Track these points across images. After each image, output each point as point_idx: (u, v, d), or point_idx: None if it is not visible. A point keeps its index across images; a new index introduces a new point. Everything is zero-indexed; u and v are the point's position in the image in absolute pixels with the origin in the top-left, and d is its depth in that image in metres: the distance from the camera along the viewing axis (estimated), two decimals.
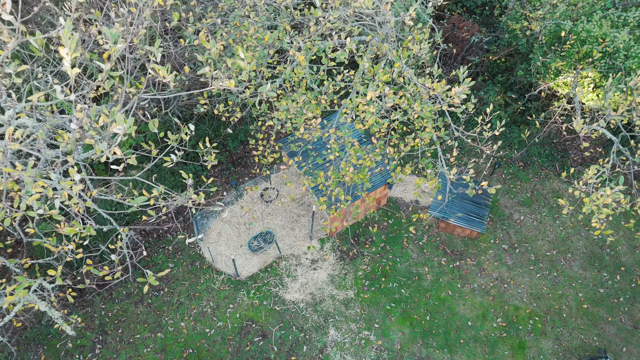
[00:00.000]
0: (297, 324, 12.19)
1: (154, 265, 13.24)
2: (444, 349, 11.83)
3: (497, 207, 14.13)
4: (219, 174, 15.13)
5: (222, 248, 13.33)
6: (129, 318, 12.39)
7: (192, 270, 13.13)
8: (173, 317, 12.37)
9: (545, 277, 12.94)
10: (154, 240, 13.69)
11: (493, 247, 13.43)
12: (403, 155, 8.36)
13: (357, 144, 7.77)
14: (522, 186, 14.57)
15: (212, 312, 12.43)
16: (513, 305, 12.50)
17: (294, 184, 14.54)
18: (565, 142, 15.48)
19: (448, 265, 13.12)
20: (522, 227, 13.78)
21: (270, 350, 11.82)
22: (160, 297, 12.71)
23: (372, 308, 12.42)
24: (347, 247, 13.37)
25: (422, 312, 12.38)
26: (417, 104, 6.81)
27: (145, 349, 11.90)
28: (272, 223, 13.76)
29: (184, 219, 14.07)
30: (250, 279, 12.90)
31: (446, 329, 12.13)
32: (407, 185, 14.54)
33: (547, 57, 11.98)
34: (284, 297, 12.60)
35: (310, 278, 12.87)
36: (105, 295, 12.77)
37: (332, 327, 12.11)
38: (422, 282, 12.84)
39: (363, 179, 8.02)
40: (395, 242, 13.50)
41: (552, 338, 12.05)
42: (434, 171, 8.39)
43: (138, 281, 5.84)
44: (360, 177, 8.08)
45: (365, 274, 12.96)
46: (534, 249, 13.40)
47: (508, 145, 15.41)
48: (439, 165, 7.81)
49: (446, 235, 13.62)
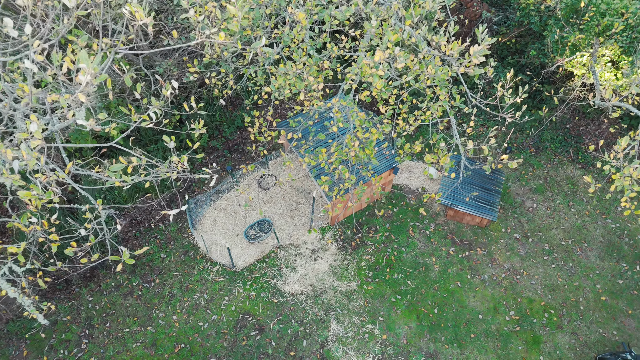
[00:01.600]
0: (297, 317, 11.42)
1: (145, 256, 12.48)
2: (453, 343, 11.06)
3: (509, 195, 13.36)
4: (214, 161, 14.36)
5: (217, 237, 12.56)
6: (118, 311, 11.63)
7: (185, 261, 12.37)
8: (164, 310, 11.61)
9: (561, 267, 12.17)
10: (145, 229, 12.93)
11: (504, 237, 12.66)
12: (412, 129, 7.61)
13: (362, 114, 6.99)
14: (534, 173, 13.80)
15: (206, 304, 11.67)
16: (526, 297, 11.73)
17: (294, 170, 13.77)
18: (579, 127, 14.71)
19: (457, 255, 12.35)
20: (535, 216, 13.00)
21: (267, 345, 11.06)
22: (150, 289, 11.95)
23: (377, 300, 11.66)
24: (350, 235, 12.60)
25: (429, 304, 11.61)
26: (431, 66, 6.05)
27: (134, 343, 11.14)
28: (270, 211, 13.00)
29: (177, 208, 13.30)
30: (247, 270, 12.14)
31: (455, 322, 11.36)
32: (413, 171, 13.77)
33: (565, 32, 11.20)
34: (283, 288, 11.84)
35: (310, 269, 12.10)
36: (92, 287, 12.01)
37: (334, 321, 11.35)
38: (429, 273, 12.07)
39: (370, 155, 7.27)
40: (401, 231, 12.73)
41: (569, 332, 11.28)
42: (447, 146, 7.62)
43: (111, 259, 5.12)
44: (366, 153, 7.32)
45: (369, 265, 12.19)
46: (548, 238, 12.63)
47: (519, 130, 14.63)
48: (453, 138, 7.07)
49: (454, 223, 12.85)
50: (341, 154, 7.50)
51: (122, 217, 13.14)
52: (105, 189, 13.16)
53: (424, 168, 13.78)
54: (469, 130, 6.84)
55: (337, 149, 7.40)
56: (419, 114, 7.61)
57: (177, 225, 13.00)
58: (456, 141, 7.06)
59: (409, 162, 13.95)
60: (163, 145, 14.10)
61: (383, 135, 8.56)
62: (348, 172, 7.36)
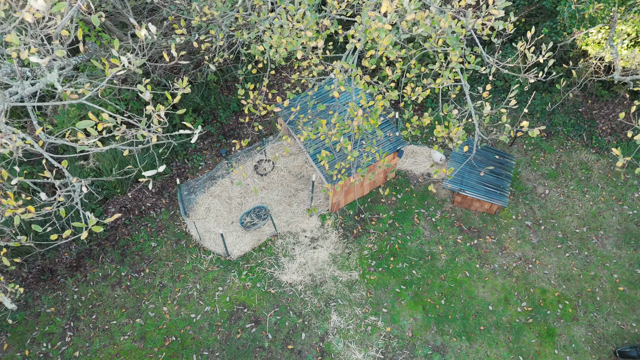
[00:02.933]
0: (295, 309, 10.73)
1: (134, 245, 11.80)
2: (461, 336, 10.37)
3: (519, 180, 12.64)
4: (208, 147, 13.67)
5: (210, 225, 11.87)
6: (105, 302, 10.94)
7: (176, 250, 11.68)
8: (154, 301, 10.93)
9: (575, 256, 11.46)
10: (136, 217, 12.24)
11: (515, 224, 11.95)
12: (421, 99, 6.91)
13: (367, 77, 6.29)
14: (545, 158, 13.08)
15: (199, 295, 10.99)
16: (539, 287, 11.03)
17: (293, 155, 13.07)
18: (592, 111, 13.99)
19: (465, 244, 11.65)
20: (547, 202, 12.29)
21: (264, 337, 10.37)
22: (140, 279, 11.26)
23: (380, 291, 10.97)
24: (352, 222, 11.90)
25: (436, 295, 10.91)
26: (444, 20, 5.36)
27: (122, 336, 10.46)
28: (268, 198, 12.30)
29: (169, 195, 12.62)
30: (242, 259, 11.45)
31: (464, 314, 10.67)
32: (418, 156, 13.06)
33: (581, 2, 10.49)
34: (280, 278, 11.15)
35: (309, 258, 11.41)
36: (79, 278, 11.33)
37: (335, 312, 10.66)
38: (435, 262, 11.37)
39: (374, 125, 6.58)
40: (405, 219, 12.02)
41: (585, 324, 10.58)
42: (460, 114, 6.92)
43: (74, 226, 4.42)
44: (370, 124, 6.63)
45: (372, 253, 11.50)
46: (561, 225, 11.92)
47: (529, 113, 13.91)
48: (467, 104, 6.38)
49: (462, 210, 12.15)
50: (343, 126, 6.81)
51: (112, 204, 12.45)
52: (93, 174, 12.47)
53: (430, 153, 13.08)
54: (485, 94, 6.14)
55: (338, 119, 6.71)
56: (428, 82, 6.92)
57: (168, 212, 12.31)
58: (469, 108, 6.36)
59: (414, 146, 13.24)
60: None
61: (389, 102, 7.87)
62: (351, 144, 6.68)
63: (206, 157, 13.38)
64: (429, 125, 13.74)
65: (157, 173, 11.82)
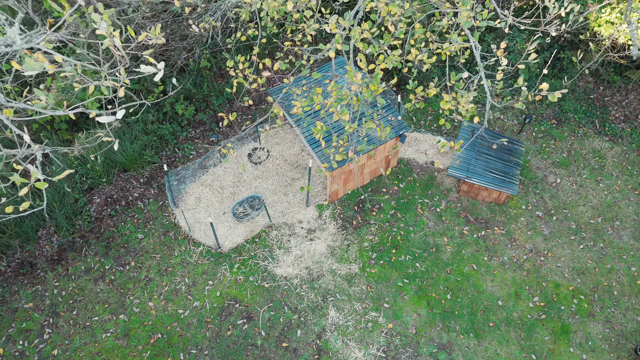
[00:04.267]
0: (290, 304, 10.00)
1: (120, 237, 11.09)
2: (469, 333, 9.62)
3: (529, 169, 11.93)
4: (200, 135, 12.99)
5: (201, 215, 11.16)
6: (87, 297, 10.23)
7: (164, 242, 10.97)
8: (140, 296, 10.21)
9: (590, 248, 10.72)
10: (122, 208, 11.54)
11: (525, 214, 11.22)
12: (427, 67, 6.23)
13: (368, 33, 5.56)
14: (556, 145, 12.37)
15: (187, 289, 10.26)
16: (552, 281, 10.29)
17: (289, 143, 12.38)
18: (604, 97, 13.29)
19: (471, 235, 10.92)
20: (559, 191, 11.57)
21: (256, 335, 9.64)
22: (125, 273, 10.55)
23: (381, 285, 10.23)
24: (351, 213, 11.18)
25: (441, 289, 10.18)
26: None
27: (103, 333, 9.73)
28: (262, 187, 11.59)
29: (158, 185, 11.92)
30: (234, 251, 10.73)
31: (471, 309, 9.93)
32: (421, 144, 12.35)
33: None
34: (275, 272, 10.43)
35: (306, 250, 10.69)
36: (60, 271, 10.62)
37: (333, 308, 9.92)
38: (440, 254, 10.64)
39: (375, 92, 5.89)
40: (408, 209, 11.30)
41: (602, 320, 9.83)
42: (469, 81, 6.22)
43: (13, 180, 3.70)
44: (371, 90, 5.93)
45: (372, 245, 10.77)
46: (574, 216, 11.19)
47: (538, 100, 13.21)
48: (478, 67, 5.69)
49: (468, 200, 11.43)
50: (340, 94, 6.12)
51: (97, 194, 11.76)
52: (77, 163, 11.78)
53: (435, 140, 12.37)
54: (499, 52, 5.45)
55: (334, 87, 6.02)
56: (434, 47, 6.23)
57: (157, 203, 11.61)
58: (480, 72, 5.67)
59: (417, 133, 12.54)
60: (144, 117, 12.75)
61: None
62: (349, 114, 5.98)
63: (198, 146, 12.70)
64: (433, 112, 13.05)
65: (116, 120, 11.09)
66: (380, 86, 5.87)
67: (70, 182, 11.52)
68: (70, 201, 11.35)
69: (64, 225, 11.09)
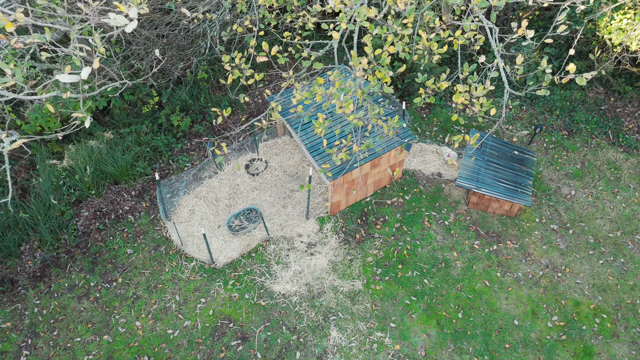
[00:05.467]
0: (289, 324, 9.24)
1: (108, 252, 10.41)
2: (483, 355, 8.82)
3: (541, 180, 11.31)
4: (196, 147, 12.45)
5: (194, 229, 10.50)
6: (69, 316, 9.47)
7: (155, 257, 10.27)
8: (126, 315, 9.45)
9: (610, 264, 10.01)
10: (111, 222, 10.89)
11: (539, 228, 10.55)
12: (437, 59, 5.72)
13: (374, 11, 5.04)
14: (568, 156, 11.79)
15: (178, 308, 9.52)
16: (572, 299, 9.54)
17: (288, 153, 11.82)
18: (615, 108, 12.79)
19: (483, 250, 10.22)
20: (574, 204, 10.92)
21: (252, 357, 8.84)
22: (111, 290, 9.82)
23: (387, 303, 9.48)
24: (354, 226, 10.51)
25: (452, 307, 9.42)
26: None
27: (85, 356, 8.94)
28: (259, 199, 10.96)
29: (150, 198, 11.31)
30: (229, 267, 10.02)
31: (485, 329, 9.15)
32: (427, 154, 11.78)
33: None
34: (272, 288, 9.69)
35: (305, 265, 9.98)
36: (42, 289, 9.91)
37: (335, 328, 9.15)
38: (450, 270, 9.93)
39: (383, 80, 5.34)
40: (414, 222, 10.64)
41: (627, 341, 9.04)
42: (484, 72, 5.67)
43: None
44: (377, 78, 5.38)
45: (377, 260, 10.07)
46: (591, 229, 10.51)
47: (548, 110, 12.71)
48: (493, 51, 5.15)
49: (478, 213, 10.77)
50: (343, 84, 5.58)
51: (85, 207, 11.12)
52: (65, 174, 11.19)
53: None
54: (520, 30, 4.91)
55: (337, 75, 5.48)
56: (445, 35, 5.72)
57: (148, 217, 10.97)
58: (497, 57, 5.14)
59: (423, 144, 11.99)
60: (138, 127, 12.23)
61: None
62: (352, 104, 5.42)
63: (193, 158, 12.14)
64: (438, 123, 12.54)
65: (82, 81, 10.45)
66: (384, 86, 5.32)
67: (56, 194, 10.91)
68: (56, 214, 10.71)
69: (49, 239, 10.42)
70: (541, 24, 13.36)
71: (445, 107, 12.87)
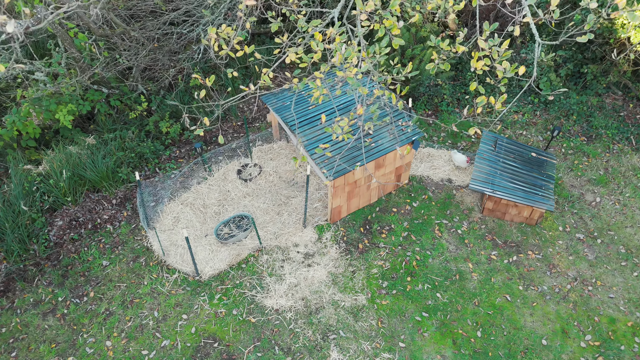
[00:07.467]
0: (282, 343, 8.02)
1: (80, 264, 9.30)
2: None
3: (561, 186, 10.30)
4: (185, 155, 11.52)
5: (178, 237, 9.42)
6: (31, 335, 8.27)
7: (133, 269, 9.15)
8: (96, 334, 8.24)
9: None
10: (88, 232, 9.83)
11: (563, 237, 9.46)
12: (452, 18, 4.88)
13: None
14: (590, 162, 10.82)
15: (156, 325, 8.32)
16: (606, 315, 8.34)
17: (284, 158, 10.87)
18: (635, 115, 11.93)
19: (501, 261, 9.09)
20: (600, 211, 9.87)
21: None
22: (81, 306, 8.64)
23: (395, 319, 8.29)
24: (357, 235, 9.42)
25: (469, 325, 8.21)
26: None
27: None
28: (252, 206, 9.93)
29: (132, 207, 10.28)
30: (216, 279, 8.88)
31: (509, 350, 7.91)
32: (436, 160, 10.82)
33: None
34: (264, 303, 8.52)
35: (302, 277, 8.84)
36: (3, 304, 8.74)
37: (335, 348, 7.93)
38: (465, 282, 8.77)
39: (391, 30, 4.48)
40: (424, 231, 9.56)
41: None
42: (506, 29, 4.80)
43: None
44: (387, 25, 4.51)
45: (383, 272, 8.93)
46: (622, 238, 9.42)
47: (564, 115, 11.84)
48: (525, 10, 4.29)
49: (494, 221, 9.71)
50: (346, 71, 4.71)
51: (60, 216, 10.08)
52: (39, 179, 10.21)
53: (449, 156, 10.86)
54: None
55: (341, 59, 4.59)
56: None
57: (129, 226, 9.91)
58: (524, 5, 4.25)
59: (431, 149, 11.05)
60: (124, 133, 11.34)
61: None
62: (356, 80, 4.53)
63: (181, 165, 11.18)
64: (446, 129, 11.65)
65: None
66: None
67: (28, 200, 9.88)
68: (26, 222, 9.66)
69: (16, 249, 9.33)
70: (554, 26, 12.71)
71: (452, 114, 12.02)
